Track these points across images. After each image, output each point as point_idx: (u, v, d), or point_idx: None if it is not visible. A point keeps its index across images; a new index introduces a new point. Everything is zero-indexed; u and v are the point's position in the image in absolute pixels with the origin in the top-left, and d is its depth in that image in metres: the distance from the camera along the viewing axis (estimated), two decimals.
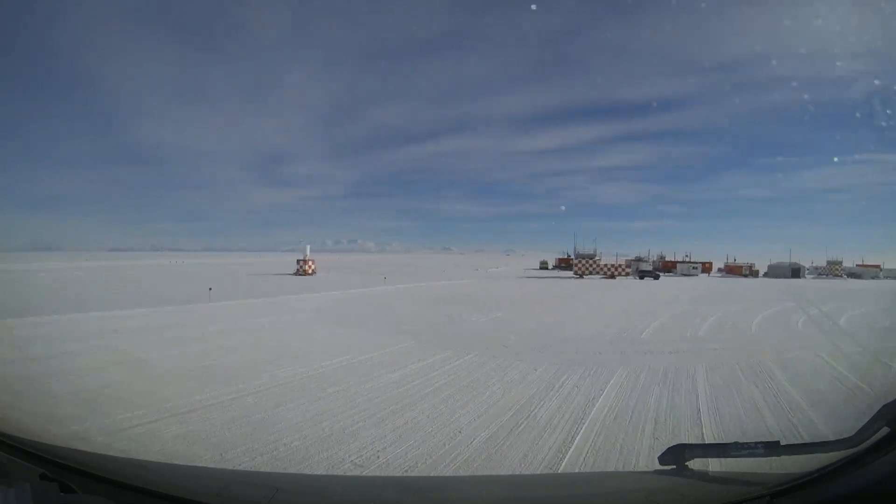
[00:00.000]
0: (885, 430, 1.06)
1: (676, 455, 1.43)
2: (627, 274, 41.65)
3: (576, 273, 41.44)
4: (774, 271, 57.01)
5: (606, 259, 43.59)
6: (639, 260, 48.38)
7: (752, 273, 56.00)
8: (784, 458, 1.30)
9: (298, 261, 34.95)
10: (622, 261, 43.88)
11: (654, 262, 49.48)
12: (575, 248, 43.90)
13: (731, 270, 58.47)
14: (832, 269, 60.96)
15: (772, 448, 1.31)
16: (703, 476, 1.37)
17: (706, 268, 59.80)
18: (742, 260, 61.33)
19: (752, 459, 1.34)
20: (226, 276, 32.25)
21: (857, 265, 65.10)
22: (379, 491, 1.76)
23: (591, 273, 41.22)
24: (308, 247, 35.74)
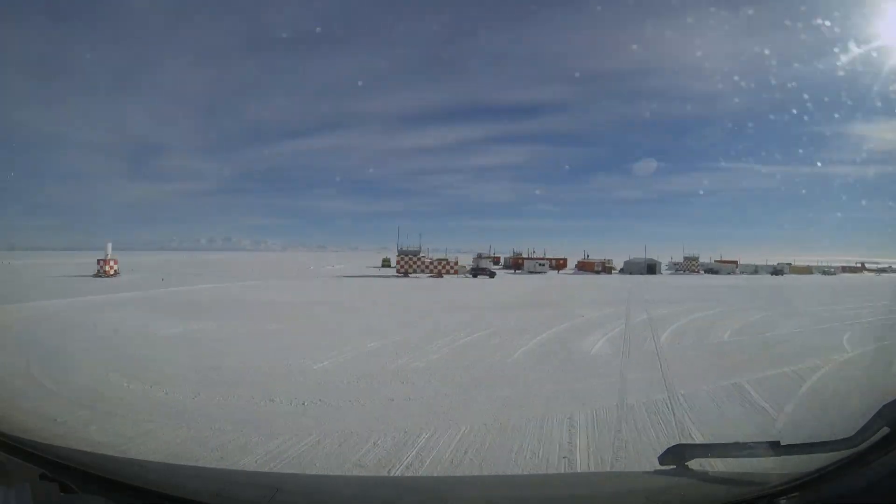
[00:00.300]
0: (885, 430, 1.06)
1: (676, 455, 1.42)
2: (456, 272, 39.73)
3: (398, 271, 38.49)
4: (630, 267, 57.97)
5: (436, 256, 41.23)
6: (480, 257, 46.60)
7: (606, 270, 56.69)
8: (784, 458, 1.30)
9: (99, 261, 31.24)
10: (452, 258, 41.65)
11: (490, 259, 47.39)
12: (398, 244, 40.09)
13: (584, 267, 59.05)
14: (689, 265, 62.46)
15: (772, 448, 1.31)
16: (703, 476, 1.37)
17: (560, 264, 59.87)
18: (609, 256, 62.46)
19: (752, 459, 1.34)
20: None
21: (715, 261, 67.82)
22: (379, 491, 1.76)
23: (416, 271, 38.54)
24: (109, 245, 32.09)
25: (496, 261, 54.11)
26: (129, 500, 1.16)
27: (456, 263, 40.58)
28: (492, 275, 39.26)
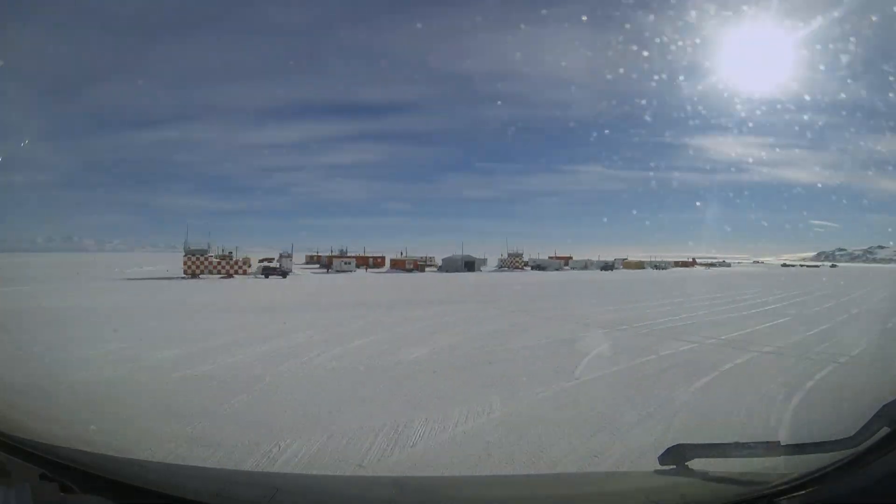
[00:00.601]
0: (885, 430, 1.06)
1: (676, 455, 1.43)
2: (245, 272, 38.36)
3: (185, 272, 36.08)
4: (448, 265, 58.36)
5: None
6: (282, 257, 45.77)
7: (419, 268, 56.26)
8: (784, 458, 1.30)
9: None
10: (242, 258, 40.08)
11: (284, 259, 45.73)
12: (186, 242, 37.79)
13: (396, 265, 58.46)
14: (513, 262, 63.07)
15: (772, 448, 1.31)
16: (703, 476, 1.37)
17: (378, 262, 59.41)
18: (455, 253, 62.43)
19: (752, 459, 1.34)
20: None
21: (549, 257, 69.68)
22: (379, 491, 1.76)
23: (204, 272, 36.56)
24: None
25: (329, 261, 53.75)
26: (129, 500, 1.16)
27: (244, 263, 39.38)
28: (284, 274, 38.21)
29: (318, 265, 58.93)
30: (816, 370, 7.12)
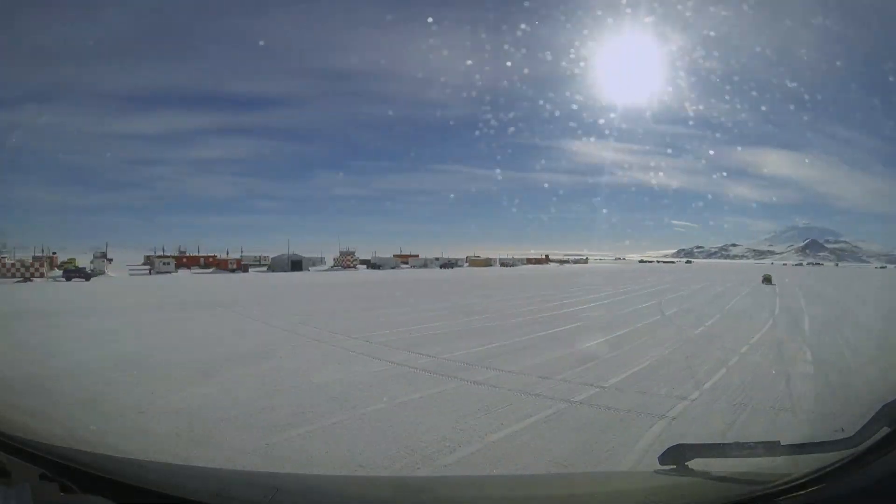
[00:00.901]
0: (885, 430, 1.06)
1: (676, 455, 1.43)
2: (43, 275, 36.84)
3: None
4: (275, 264, 58.49)
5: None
6: (96, 258, 45.28)
7: (241, 267, 56.15)
8: (784, 458, 1.30)
9: None
10: (41, 260, 38.54)
11: (97, 259, 45.26)
12: None
13: (218, 265, 58.04)
14: (345, 261, 63.69)
15: (772, 448, 1.31)
16: (703, 476, 1.37)
17: (211, 262, 58.87)
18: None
19: (752, 459, 1.34)
20: None
21: (394, 255, 71.36)
22: (378, 491, 1.76)
23: None
24: None
25: (152, 262, 52.09)
26: (129, 500, 1.16)
27: (41, 265, 37.80)
28: (87, 277, 37.06)
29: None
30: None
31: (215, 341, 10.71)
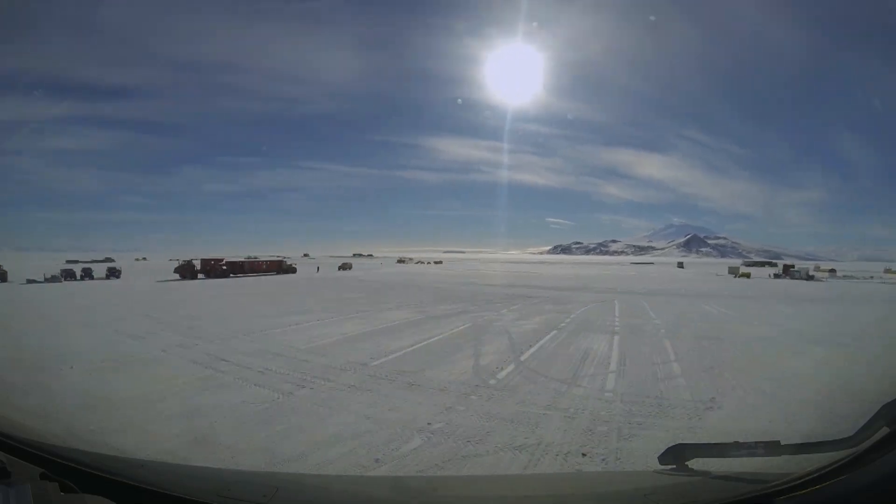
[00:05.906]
0: (884, 430, 1.06)
1: (676, 455, 1.43)
2: None
3: None
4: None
5: None
6: None
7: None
8: (784, 458, 1.29)
9: None
10: None
11: None
12: None
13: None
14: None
15: (772, 448, 1.31)
16: (703, 476, 1.37)
17: None
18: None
19: (752, 459, 1.33)
20: None
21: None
22: (379, 491, 1.75)
23: None
24: None
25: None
26: (129, 500, 1.16)
27: None
28: None
29: None
30: None
31: None
